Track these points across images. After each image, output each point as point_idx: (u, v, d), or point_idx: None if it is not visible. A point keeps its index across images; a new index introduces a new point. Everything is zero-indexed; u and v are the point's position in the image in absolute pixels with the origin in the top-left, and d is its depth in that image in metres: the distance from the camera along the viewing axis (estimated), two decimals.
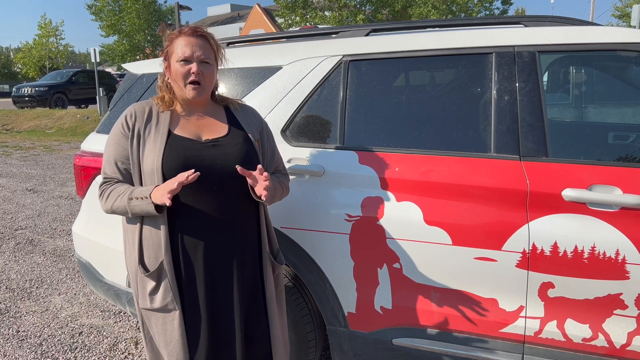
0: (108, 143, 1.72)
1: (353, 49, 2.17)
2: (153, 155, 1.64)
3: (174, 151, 1.63)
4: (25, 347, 2.95)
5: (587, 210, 1.78)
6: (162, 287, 1.67)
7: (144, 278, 1.68)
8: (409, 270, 1.98)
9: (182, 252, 1.67)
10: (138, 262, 1.68)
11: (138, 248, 1.69)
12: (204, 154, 1.65)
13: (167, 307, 1.68)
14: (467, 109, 2.00)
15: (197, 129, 1.72)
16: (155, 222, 1.66)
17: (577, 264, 1.78)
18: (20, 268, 4.22)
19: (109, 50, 29.85)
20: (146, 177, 1.66)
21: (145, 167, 1.65)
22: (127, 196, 1.62)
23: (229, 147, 1.70)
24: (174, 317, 1.68)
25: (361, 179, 2.04)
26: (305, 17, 21.36)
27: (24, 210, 6.06)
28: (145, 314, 1.74)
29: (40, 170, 8.78)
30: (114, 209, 1.67)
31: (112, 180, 1.70)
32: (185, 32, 1.67)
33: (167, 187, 1.50)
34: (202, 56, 1.65)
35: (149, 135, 1.68)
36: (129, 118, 1.71)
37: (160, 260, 1.66)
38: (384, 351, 2.08)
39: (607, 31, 1.89)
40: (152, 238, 1.67)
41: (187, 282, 1.68)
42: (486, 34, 2.02)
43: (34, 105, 18.70)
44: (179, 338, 1.68)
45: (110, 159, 1.70)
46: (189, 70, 1.64)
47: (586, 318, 1.81)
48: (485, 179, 1.88)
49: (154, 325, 1.73)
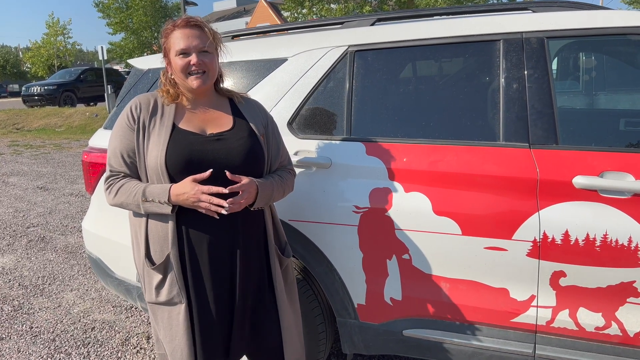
0: (113, 135, 1.70)
1: (358, 39, 2.15)
2: (157, 150, 1.63)
3: (178, 146, 1.62)
4: (39, 343, 2.98)
5: (599, 197, 1.75)
6: (168, 280, 1.67)
7: (150, 271, 1.69)
8: (419, 261, 1.97)
9: (187, 245, 1.67)
10: (144, 256, 1.69)
11: (144, 241, 1.69)
12: (208, 148, 1.64)
13: (173, 300, 1.68)
14: (475, 98, 1.97)
15: (202, 123, 1.71)
16: (162, 217, 1.65)
17: (589, 252, 1.75)
18: (33, 265, 4.26)
19: (116, 48, 29.96)
20: (150, 172, 1.64)
21: (149, 161, 1.64)
22: (141, 197, 1.61)
23: (233, 141, 1.68)
24: (180, 311, 1.68)
25: (369, 170, 2.03)
26: (312, 9, 21.26)
27: (36, 208, 6.11)
28: (152, 308, 1.74)
29: (51, 168, 8.85)
30: (123, 205, 1.67)
31: (119, 173, 1.68)
32: (179, 25, 1.65)
33: (193, 198, 1.56)
34: (200, 45, 1.63)
35: (153, 128, 1.67)
36: (134, 109, 1.69)
37: (167, 254, 1.66)
38: (395, 342, 2.07)
39: (618, 15, 1.85)
40: (158, 232, 1.67)
41: (192, 276, 1.68)
42: (493, 20, 1.99)
43: (43, 104, 18.81)
44: (184, 332, 1.67)
45: (116, 152, 1.68)
46: (188, 62, 1.62)
47: (599, 307, 1.79)
48: (494, 168, 1.86)
49: (159, 319, 1.73)
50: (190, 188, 1.56)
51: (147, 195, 1.60)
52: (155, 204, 1.60)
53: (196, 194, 1.55)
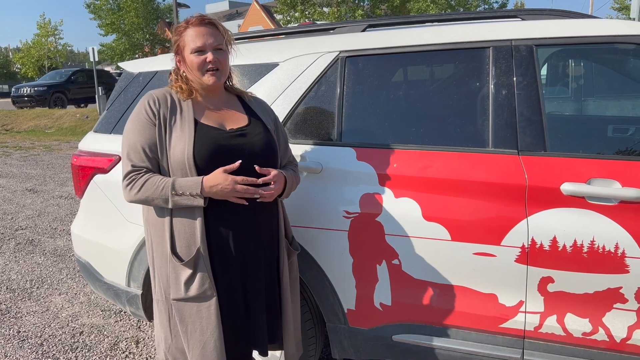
0: (130, 130, 1.68)
1: (350, 44, 2.16)
2: (182, 145, 1.64)
3: (205, 140, 1.65)
4: (26, 347, 2.95)
5: (586, 204, 1.77)
6: (198, 274, 1.68)
7: (179, 267, 1.68)
8: (408, 267, 1.98)
9: (214, 239, 1.69)
10: (171, 252, 1.68)
11: (169, 238, 1.69)
12: (233, 142, 1.68)
13: (205, 294, 1.68)
14: (464, 104, 1.99)
15: (220, 118, 1.74)
16: (188, 212, 1.66)
17: (577, 258, 1.77)
18: (21, 268, 4.22)
19: (108, 49, 29.81)
20: (174, 166, 1.65)
21: (173, 156, 1.64)
22: (170, 190, 1.61)
23: (253, 135, 1.74)
24: (211, 304, 1.69)
25: (359, 176, 2.03)
26: (304, 13, 21.31)
27: (24, 211, 6.06)
28: (177, 305, 1.72)
29: (40, 170, 8.78)
30: (147, 201, 1.65)
31: (142, 169, 1.66)
32: (193, 23, 1.68)
33: (228, 188, 1.59)
34: (215, 43, 1.67)
35: (174, 123, 1.68)
36: (153, 104, 1.69)
37: (196, 248, 1.66)
38: (384, 347, 2.08)
39: (604, 24, 1.88)
40: (185, 227, 1.67)
41: (219, 269, 1.70)
42: (483, 28, 2.00)
43: (33, 105, 18.66)
44: (215, 325, 1.69)
45: (137, 147, 1.66)
46: (204, 60, 1.66)
47: (586, 312, 1.81)
48: (483, 174, 1.87)
49: (187, 315, 1.72)
50: (224, 179, 1.60)
51: (177, 189, 1.61)
52: (186, 197, 1.61)
53: (230, 184, 1.59)
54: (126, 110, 2.51)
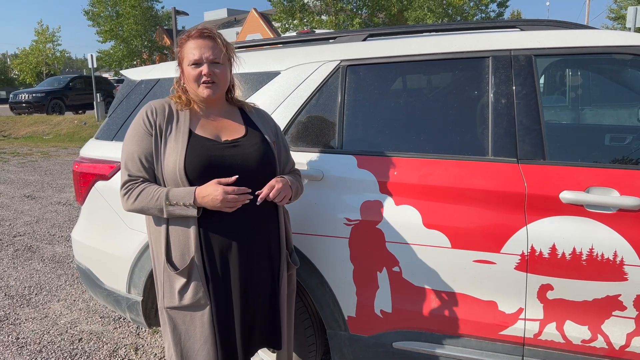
0: (129, 140, 1.71)
1: (351, 54, 2.18)
2: (175, 155, 1.65)
3: (196, 151, 1.66)
4: (25, 354, 2.94)
5: (585, 212, 1.79)
6: (192, 283, 1.69)
7: (173, 276, 1.70)
8: (409, 274, 1.99)
9: (207, 250, 1.70)
10: (166, 261, 1.70)
11: (165, 247, 1.70)
12: (225, 154, 1.69)
13: (199, 303, 1.70)
14: (464, 113, 2.01)
15: (216, 130, 1.75)
16: (183, 222, 1.68)
17: (576, 265, 1.79)
18: (19, 275, 4.22)
19: (106, 56, 29.85)
20: (167, 177, 1.67)
21: (166, 166, 1.66)
22: (164, 200, 1.62)
23: (248, 147, 1.74)
24: (204, 313, 1.70)
25: (360, 183, 2.05)
26: (302, 20, 21.40)
27: (22, 217, 6.05)
28: (171, 314, 1.74)
29: (38, 176, 8.77)
30: (143, 210, 1.67)
31: (138, 178, 1.68)
32: (193, 36, 1.70)
33: (218, 198, 1.58)
34: (212, 57, 1.68)
35: (170, 133, 1.70)
36: (150, 114, 1.71)
37: (190, 257, 1.68)
38: (385, 355, 2.09)
39: (602, 34, 1.91)
40: (179, 236, 1.69)
41: (213, 279, 1.71)
42: (483, 38, 2.03)
43: (31, 111, 18.63)
44: (209, 333, 1.70)
45: (133, 157, 1.69)
46: (200, 73, 1.67)
47: (585, 320, 1.82)
48: (483, 182, 1.89)
49: (180, 324, 1.73)
50: (214, 189, 1.60)
51: (171, 199, 1.62)
52: (179, 207, 1.62)
53: (220, 194, 1.59)
54: (128, 118, 2.52)
